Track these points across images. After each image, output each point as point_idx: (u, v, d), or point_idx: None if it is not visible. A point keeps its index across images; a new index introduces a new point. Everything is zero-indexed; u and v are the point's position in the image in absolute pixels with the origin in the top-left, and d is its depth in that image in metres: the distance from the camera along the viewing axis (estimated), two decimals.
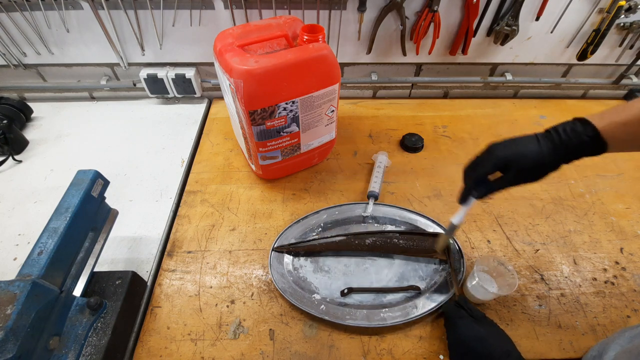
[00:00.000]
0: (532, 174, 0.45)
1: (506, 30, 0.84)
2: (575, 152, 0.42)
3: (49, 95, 1.02)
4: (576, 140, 0.42)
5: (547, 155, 0.43)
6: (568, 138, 0.42)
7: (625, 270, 0.65)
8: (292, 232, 0.68)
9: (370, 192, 0.74)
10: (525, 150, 0.44)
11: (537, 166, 0.44)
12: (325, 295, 0.61)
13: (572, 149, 0.42)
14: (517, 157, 0.44)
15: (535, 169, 0.44)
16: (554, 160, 0.43)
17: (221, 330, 0.58)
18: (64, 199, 0.51)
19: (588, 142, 0.41)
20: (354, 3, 0.80)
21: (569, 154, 0.43)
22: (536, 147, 0.43)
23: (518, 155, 0.44)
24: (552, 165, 0.44)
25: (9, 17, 0.81)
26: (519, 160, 0.44)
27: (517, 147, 0.44)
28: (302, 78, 0.61)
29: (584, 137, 0.41)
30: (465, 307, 0.54)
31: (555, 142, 0.43)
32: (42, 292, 0.43)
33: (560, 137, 0.43)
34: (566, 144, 0.42)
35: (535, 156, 0.43)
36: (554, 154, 0.43)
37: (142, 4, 0.80)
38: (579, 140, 0.42)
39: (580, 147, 0.42)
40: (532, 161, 0.43)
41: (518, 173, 0.44)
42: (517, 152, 0.44)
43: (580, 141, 0.41)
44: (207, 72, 0.96)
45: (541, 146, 0.43)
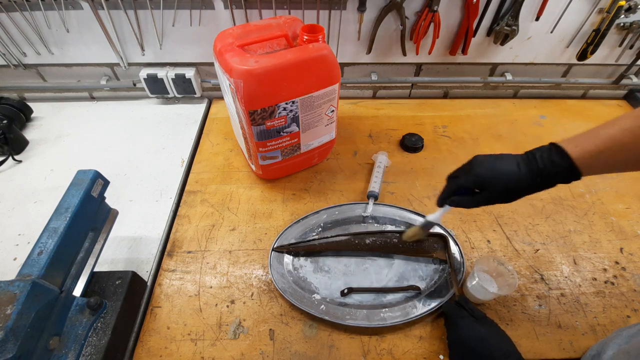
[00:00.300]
0: (506, 197, 0.46)
1: (506, 30, 0.84)
2: (550, 180, 0.43)
3: (49, 95, 1.02)
4: (552, 169, 0.43)
5: (523, 181, 0.44)
6: (544, 167, 0.43)
7: (625, 270, 0.65)
8: (292, 232, 0.68)
9: (370, 192, 0.74)
10: (503, 174, 0.45)
11: (513, 191, 0.45)
12: (325, 295, 0.61)
13: (547, 177, 0.43)
14: (494, 180, 0.45)
15: (511, 193, 0.45)
16: (529, 187, 0.44)
17: (221, 330, 0.58)
18: (64, 199, 0.51)
19: (563, 172, 0.42)
20: (354, 3, 0.80)
21: (544, 182, 0.44)
22: (515, 171, 0.44)
23: (496, 177, 0.45)
24: (527, 190, 0.45)
25: (9, 17, 0.81)
26: (496, 182, 0.45)
27: (497, 169, 0.45)
28: (302, 78, 0.61)
29: (558, 168, 0.42)
30: (465, 307, 0.54)
31: (532, 169, 0.44)
32: (42, 292, 0.43)
33: (538, 164, 0.43)
34: (542, 172, 0.43)
35: (513, 182, 0.44)
36: (530, 180, 0.44)
37: (142, 4, 0.80)
38: (555, 170, 0.42)
39: (556, 176, 0.43)
40: (509, 186, 0.45)
41: (493, 194, 0.46)
42: (496, 175, 0.45)
43: (556, 171, 0.42)
44: (207, 72, 0.96)
45: (520, 171, 0.44)
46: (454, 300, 0.57)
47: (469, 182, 0.47)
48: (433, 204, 0.75)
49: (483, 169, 0.46)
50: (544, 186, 0.44)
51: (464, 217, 0.73)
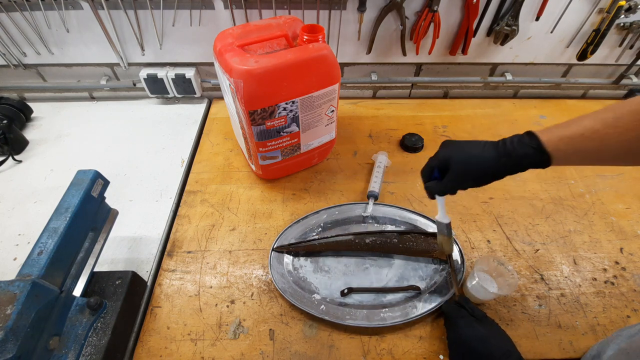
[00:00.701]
0: (472, 177, 0.46)
1: (506, 30, 0.84)
2: (519, 162, 0.43)
3: (49, 95, 1.02)
4: (520, 150, 0.43)
5: (487, 162, 0.44)
6: (513, 148, 0.43)
7: (625, 270, 0.65)
8: (292, 232, 0.68)
9: (370, 192, 0.74)
10: (468, 153, 0.45)
11: (475, 170, 0.45)
12: (325, 295, 0.61)
13: (516, 159, 0.43)
14: (458, 158, 0.46)
15: (475, 172, 0.45)
16: (495, 168, 0.44)
17: (221, 330, 0.58)
18: (64, 199, 0.51)
19: (532, 153, 0.42)
20: (354, 3, 0.80)
21: (513, 164, 0.43)
22: (478, 152, 0.45)
23: (460, 156, 0.46)
24: (493, 172, 0.45)
25: (9, 17, 0.81)
26: (457, 161, 0.45)
27: (462, 149, 0.46)
28: (302, 78, 0.61)
29: (527, 149, 0.42)
30: (466, 307, 0.54)
31: (499, 150, 0.44)
32: (42, 292, 0.43)
33: (506, 146, 0.44)
34: (509, 153, 0.43)
35: (475, 161, 0.45)
36: (496, 161, 0.44)
37: (142, 4, 0.80)
38: (523, 151, 0.42)
39: (524, 158, 0.43)
40: (471, 165, 0.45)
41: (455, 174, 0.46)
42: (460, 153, 0.46)
43: (524, 152, 0.42)
44: (207, 72, 0.96)
45: (484, 152, 0.44)
46: (454, 300, 0.57)
47: (436, 161, 0.48)
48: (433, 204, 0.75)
49: (448, 149, 0.47)
50: (512, 168, 0.44)
51: (464, 217, 0.73)
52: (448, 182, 0.47)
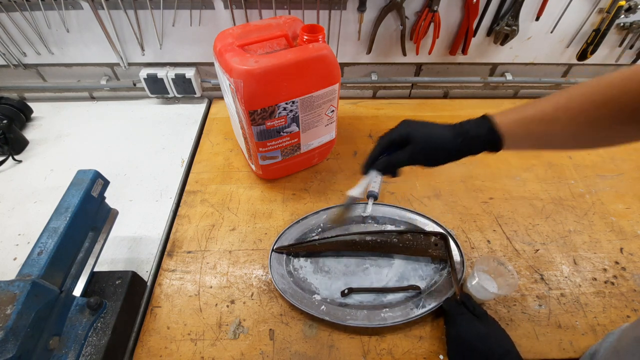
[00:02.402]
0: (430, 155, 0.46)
1: (506, 30, 0.84)
2: (472, 142, 0.44)
3: (49, 95, 1.02)
4: (474, 131, 0.43)
5: (445, 140, 0.45)
6: (468, 128, 0.44)
7: (625, 270, 0.65)
8: (292, 233, 0.68)
9: (369, 192, 0.74)
10: (427, 130, 0.46)
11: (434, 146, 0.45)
12: (325, 295, 0.61)
13: (469, 139, 0.44)
14: (418, 133, 0.46)
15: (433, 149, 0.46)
16: (451, 146, 0.45)
17: (221, 330, 0.58)
18: (64, 198, 0.51)
19: (484, 133, 0.43)
20: (354, 3, 0.80)
21: (466, 143, 0.44)
22: (438, 130, 0.46)
23: (419, 131, 0.46)
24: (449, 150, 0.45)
25: (9, 17, 0.81)
26: (419, 136, 0.46)
27: (422, 126, 0.47)
28: (302, 78, 0.61)
29: (480, 129, 0.43)
30: (467, 304, 0.54)
31: (456, 129, 0.45)
32: (42, 292, 0.43)
33: (462, 127, 0.45)
34: (464, 133, 0.44)
35: (434, 137, 0.45)
36: (452, 140, 0.45)
37: (142, 4, 0.80)
38: (476, 132, 0.43)
39: (477, 138, 0.43)
40: (431, 140, 0.45)
41: (416, 148, 0.46)
42: (419, 129, 0.46)
43: (477, 133, 0.43)
44: (207, 72, 0.96)
45: (443, 130, 0.45)
46: (456, 298, 0.57)
47: (397, 135, 0.47)
48: (433, 204, 0.75)
49: (409, 125, 0.47)
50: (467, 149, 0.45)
51: (464, 217, 0.73)
52: (406, 156, 0.47)
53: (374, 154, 0.49)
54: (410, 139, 0.46)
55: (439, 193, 0.77)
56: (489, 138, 0.43)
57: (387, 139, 0.48)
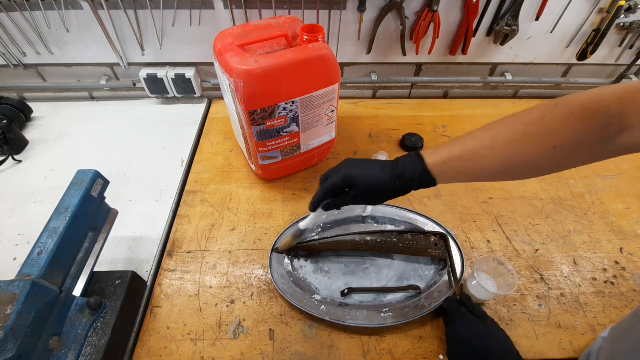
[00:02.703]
0: (371, 196, 0.48)
1: (506, 30, 0.84)
2: (409, 183, 0.46)
3: (49, 95, 1.02)
4: (409, 173, 0.45)
5: (385, 183, 0.46)
6: (403, 170, 0.46)
7: (625, 270, 0.65)
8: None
9: None
10: (368, 174, 0.48)
11: (377, 190, 0.47)
12: (325, 295, 0.61)
13: (405, 180, 0.46)
14: (359, 178, 0.47)
15: (375, 192, 0.47)
16: (390, 188, 0.47)
17: (221, 330, 0.58)
18: (64, 199, 0.51)
19: (417, 175, 0.45)
20: (354, 3, 0.80)
21: (403, 184, 0.46)
22: (379, 173, 0.47)
23: (361, 176, 0.48)
24: (388, 191, 0.47)
25: (9, 17, 0.81)
26: (361, 181, 0.47)
27: (363, 169, 0.48)
28: (302, 78, 0.61)
29: (414, 171, 0.45)
30: (467, 304, 0.54)
31: (393, 172, 0.46)
32: (42, 292, 0.43)
33: (398, 168, 0.46)
34: (400, 175, 0.46)
35: (375, 182, 0.47)
36: (391, 182, 0.46)
37: (142, 4, 0.80)
38: (410, 174, 0.45)
39: (412, 179, 0.45)
40: (371, 185, 0.47)
41: (358, 192, 0.48)
42: (361, 174, 0.48)
43: (411, 174, 0.45)
44: (207, 72, 0.96)
45: (383, 173, 0.47)
46: (456, 297, 0.57)
47: (339, 180, 0.48)
48: (433, 204, 0.75)
49: (352, 167, 0.49)
50: (405, 189, 0.47)
51: (464, 217, 0.73)
52: (349, 200, 0.49)
53: (319, 197, 0.51)
54: (352, 183, 0.48)
55: (439, 193, 0.77)
56: (423, 179, 0.45)
57: (330, 185, 0.49)
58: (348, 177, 0.48)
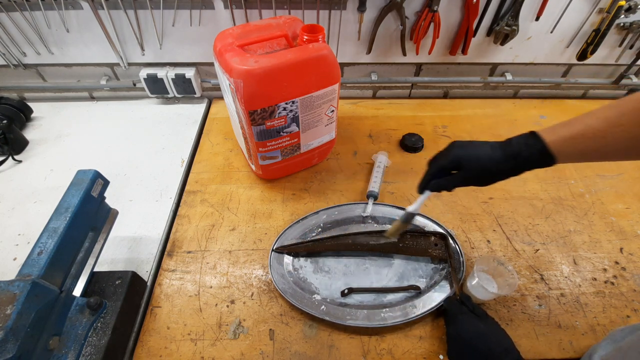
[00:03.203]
0: (482, 176, 0.47)
1: (506, 30, 0.84)
2: (525, 163, 0.44)
3: (49, 95, 1.02)
4: (526, 152, 0.43)
5: (496, 163, 0.45)
6: (519, 150, 0.44)
7: (625, 270, 0.65)
8: (291, 233, 0.68)
9: (369, 192, 0.74)
10: (477, 154, 0.46)
11: (486, 170, 0.46)
12: (325, 295, 0.61)
13: (521, 160, 0.44)
14: (469, 158, 0.46)
15: (486, 172, 0.46)
16: (502, 169, 0.45)
17: (221, 330, 0.58)
18: (64, 199, 0.51)
19: (536, 154, 0.43)
20: (354, 3, 0.80)
21: (519, 165, 0.44)
22: (488, 153, 0.46)
23: (470, 156, 0.47)
24: (500, 172, 0.46)
25: (9, 17, 0.81)
26: (470, 161, 0.46)
27: (472, 150, 0.47)
28: (302, 78, 0.61)
29: (532, 150, 0.43)
30: (467, 304, 0.54)
31: (506, 152, 0.45)
32: (42, 292, 0.43)
33: (512, 148, 0.45)
34: (516, 155, 0.44)
35: (485, 161, 0.45)
36: (503, 162, 0.45)
37: (142, 4, 0.80)
38: (528, 153, 0.43)
39: (529, 159, 0.44)
40: (482, 165, 0.46)
41: (468, 173, 0.47)
42: (470, 154, 0.47)
43: (529, 153, 0.43)
44: (207, 72, 0.96)
45: (492, 153, 0.45)
46: (456, 297, 0.57)
47: (447, 162, 0.48)
48: (433, 204, 0.75)
49: (460, 149, 0.48)
50: (519, 168, 0.45)
51: (464, 217, 0.73)
52: (459, 181, 0.48)
53: (427, 178, 0.50)
54: (461, 164, 0.47)
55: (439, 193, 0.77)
56: (542, 158, 0.43)
57: (437, 166, 0.49)
58: (457, 158, 0.47)
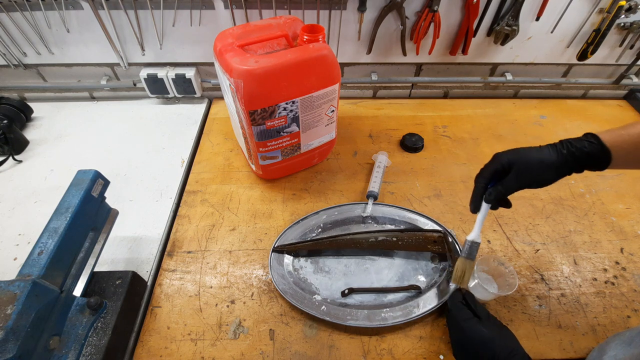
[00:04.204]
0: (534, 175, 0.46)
1: (506, 30, 0.84)
2: (580, 160, 0.44)
3: (49, 95, 1.02)
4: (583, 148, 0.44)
5: (548, 158, 0.45)
6: (575, 148, 0.44)
7: (625, 270, 0.65)
8: (292, 233, 0.68)
9: (369, 192, 0.74)
10: (526, 152, 0.46)
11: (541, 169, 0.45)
12: (326, 296, 0.61)
13: (579, 157, 0.44)
14: (518, 157, 0.46)
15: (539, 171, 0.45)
16: (557, 165, 0.45)
17: (221, 330, 0.58)
18: (64, 199, 0.51)
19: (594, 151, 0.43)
20: (354, 3, 0.80)
21: (575, 162, 0.44)
22: (539, 152, 0.46)
23: (520, 156, 0.46)
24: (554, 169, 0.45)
25: (9, 17, 0.81)
26: (520, 159, 0.46)
27: (520, 150, 0.47)
28: (302, 78, 0.61)
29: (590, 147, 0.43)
30: (470, 305, 0.53)
31: (559, 149, 0.45)
32: (42, 292, 0.43)
33: (568, 147, 0.45)
34: (572, 152, 0.44)
35: (538, 159, 0.45)
36: (557, 158, 0.45)
37: (142, 4, 0.80)
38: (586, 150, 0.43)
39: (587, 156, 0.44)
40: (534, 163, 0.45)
41: (520, 172, 0.46)
42: (520, 154, 0.46)
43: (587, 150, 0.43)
44: (207, 72, 0.96)
45: (543, 152, 0.46)
46: (459, 294, 0.56)
47: (498, 164, 0.47)
48: (433, 203, 0.75)
49: (507, 153, 0.47)
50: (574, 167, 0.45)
51: (464, 217, 0.73)
52: (512, 181, 0.46)
53: (479, 190, 0.49)
54: (512, 165, 0.46)
55: (439, 193, 0.77)
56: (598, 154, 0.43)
57: (489, 170, 0.48)
58: (506, 159, 0.46)
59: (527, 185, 0.46)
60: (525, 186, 0.47)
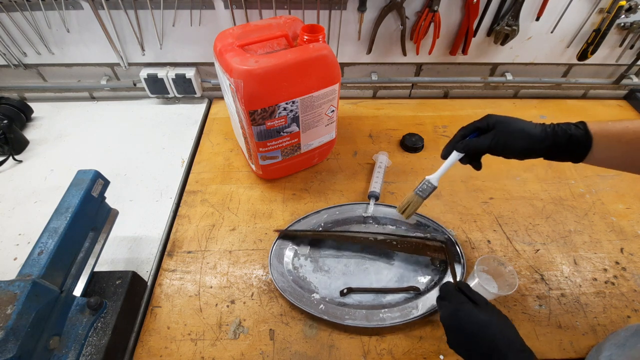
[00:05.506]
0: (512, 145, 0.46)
1: (506, 30, 0.84)
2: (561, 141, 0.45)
3: (49, 95, 1.02)
4: (567, 129, 0.45)
5: (531, 133, 0.46)
6: (559, 128, 0.45)
7: (625, 270, 0.65)
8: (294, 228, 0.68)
9: (371, 192, 0.74)
10: (515, 120, 0.47)
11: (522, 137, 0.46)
12: (324, 295, 0.61)
13: (559, 137, 0.45)
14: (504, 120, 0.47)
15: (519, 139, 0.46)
16: (536, 138, 0.45)
17: (221, 330, 0.58)
18: (64, 199, 0.51)
19: (577, 134, 0.44)
20: (354, 3, 0.80)
21: (554, 142, 0.45)
22: (526, 123, 0.47)
23: (507, 119, 0.47)
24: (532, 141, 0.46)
25: (10, 17, 0.81)
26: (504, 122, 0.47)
27: (510, 117, 0.48)
28: (302, 78, 0.61)
29: (574, 129, 0.44)
30: (465, 292, 0.50)
31: (545, 127, 0.46)
32: (42, 292, 0.43)
33: (554, 127, 0.46)
34: (556, 132, 0.45)
35: (522, 128, 0.46)
36: (539, 133, 0.45)
37: (142, 4, 0.80)
38: (569, 131, 0.44)
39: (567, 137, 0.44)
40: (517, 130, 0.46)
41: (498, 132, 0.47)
42: (508, 118, 0.48)
43: (570, 133, 0.44)
44: (207, 72, 0.96)
45: (531, 123, 0.47)
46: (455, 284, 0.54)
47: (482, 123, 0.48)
48: (433, 203, 0.75)
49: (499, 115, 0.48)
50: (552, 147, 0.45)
51: (464, 217, 0.73)
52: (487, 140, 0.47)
53: (455, 138, 0.50)
54: (495, 125, 0.47)
55: (439, 193, 0.77)
56: (581, 138, 0.44)
57: (474, 125, 0.49)
58: (492, 120, 0.47)
59: (501, 147, 0.47)
60: (499, 148, 0.47)
